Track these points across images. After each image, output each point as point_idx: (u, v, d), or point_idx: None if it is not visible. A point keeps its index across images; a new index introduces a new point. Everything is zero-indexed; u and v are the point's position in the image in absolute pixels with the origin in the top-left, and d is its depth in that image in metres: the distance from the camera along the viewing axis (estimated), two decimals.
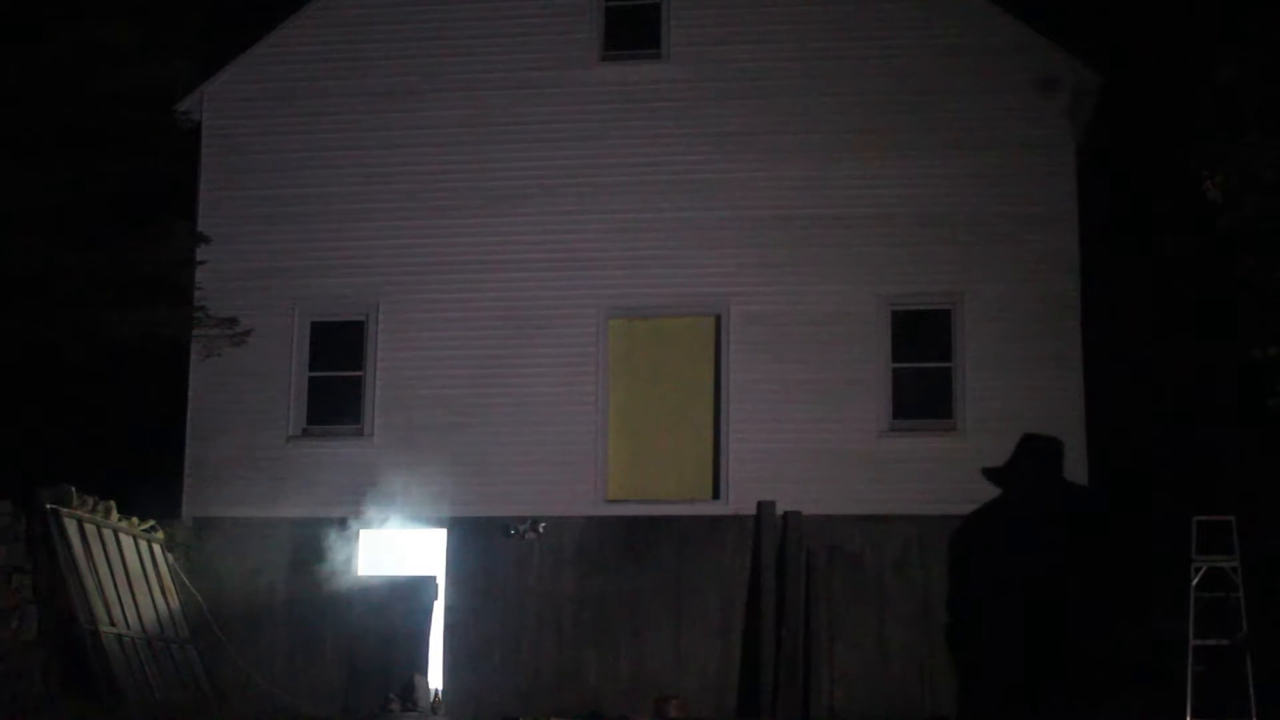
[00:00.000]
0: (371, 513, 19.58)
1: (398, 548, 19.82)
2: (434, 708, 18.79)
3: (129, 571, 18.03)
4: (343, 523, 19.67)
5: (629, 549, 19.36)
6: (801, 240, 19.68)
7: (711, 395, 19.65)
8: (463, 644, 19.40)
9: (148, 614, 18.10)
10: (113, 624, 17.08)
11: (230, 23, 21.05)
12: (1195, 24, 18.63)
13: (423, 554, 19.72)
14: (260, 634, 19.48)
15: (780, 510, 19.08)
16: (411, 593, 19.33)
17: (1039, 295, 19.25)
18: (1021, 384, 19.07)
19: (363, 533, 19.79)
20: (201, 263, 20.14)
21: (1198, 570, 17.09)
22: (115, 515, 18.21)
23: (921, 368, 19.48)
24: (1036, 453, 11.48)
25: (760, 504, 19.12)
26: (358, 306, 20.26)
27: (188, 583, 19.35)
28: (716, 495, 19.42)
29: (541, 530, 19.42)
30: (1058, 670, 18.03)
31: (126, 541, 18.31)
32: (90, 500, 17.70)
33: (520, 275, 20.00)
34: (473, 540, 19.55)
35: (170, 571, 19.19)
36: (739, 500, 19.19)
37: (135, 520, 18.76)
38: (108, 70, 18.53)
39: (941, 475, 18.98)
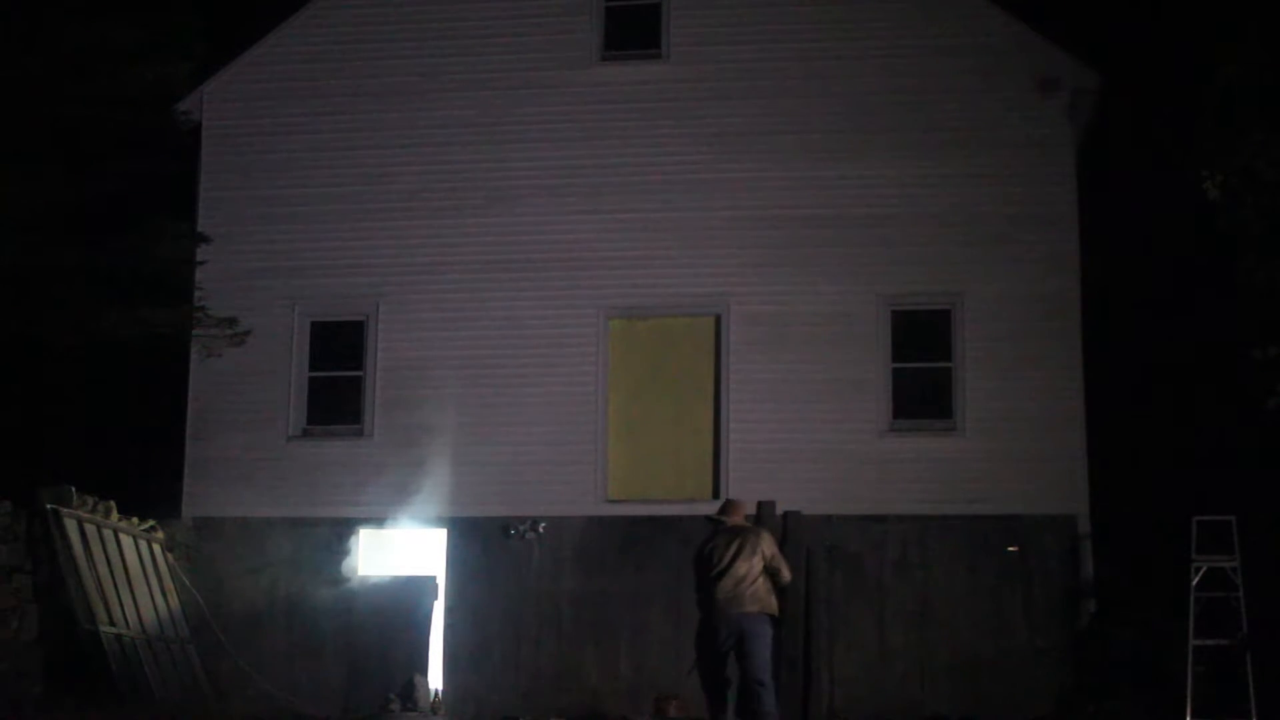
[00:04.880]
0: (371, 513, 19.58)
1: (398, 548, 19.82)
2: (434, 708, 18.78)
3: (129, 571, 18.01)
4: (342, 523, 19.66)
5: (629, 549, 19.35)
6: (801, 240, 19.67)
7: (711, 395, 19.65)
8: (463, 644, 19.39)
9: (148, 614, 18.08)
10: (113, 624, 17.06)
11: (230, 23, 21.06)
12: (1195, 24, 18.63)
13: (423, 554, 19.71)
14: (260, 634, 19.47)
15: (780, 510, 19.03)
16: (411, 593, 19.30)
17: (1039, 295, 19.24)
18: (1021, 384, 19.07)
19: (363, 533, 19.78)
20: (201, 262, 20.13)
21: (1198, 570, 17.11)
22: (115, 515, 18.18)
23: (921, 368, 19.47)
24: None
25: (760, 504, 19.00)
26: (358, 306, 20.26)
27: (188, 583, 19.34)
28: (716, 495, 19.38)
29: (541, 530, 19.42)
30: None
31: (126, 541, 18.29)
32: (90, 500, 17.68)
33: (520, 275, 19.99)
34: (473, 540, 19.54)
35: (170, 571, 19.17)
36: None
37: (135, 520, 18.74)
38: (108, 70, 18.51)
39: (941, 475, 18.99)
